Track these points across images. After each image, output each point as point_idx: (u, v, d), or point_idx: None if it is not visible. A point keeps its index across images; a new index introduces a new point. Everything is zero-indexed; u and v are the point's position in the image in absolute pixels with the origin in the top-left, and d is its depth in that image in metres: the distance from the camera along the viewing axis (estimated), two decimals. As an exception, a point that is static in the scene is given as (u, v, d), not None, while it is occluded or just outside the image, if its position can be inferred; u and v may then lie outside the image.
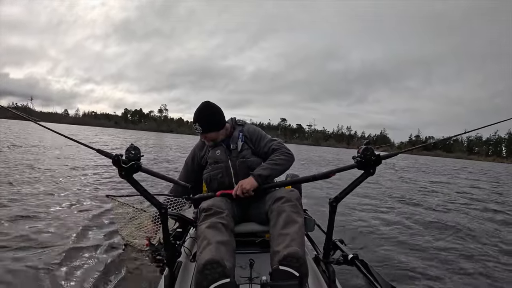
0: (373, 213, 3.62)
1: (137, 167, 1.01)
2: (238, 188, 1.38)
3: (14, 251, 2.42)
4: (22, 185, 4.40)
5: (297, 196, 1.32)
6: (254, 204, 1.44)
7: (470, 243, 2.65)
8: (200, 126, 1.49)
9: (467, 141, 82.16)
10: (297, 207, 1.26)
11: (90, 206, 3.99)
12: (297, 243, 1.09)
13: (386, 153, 1.20)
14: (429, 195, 5.31)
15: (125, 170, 0.99)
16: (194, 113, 1.52)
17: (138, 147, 1.03)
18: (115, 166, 1.00)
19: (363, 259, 1.28)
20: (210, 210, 1.24)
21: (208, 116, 1.50)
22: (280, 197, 1.29)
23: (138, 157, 1.02)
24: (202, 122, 1.49)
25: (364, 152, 1.13)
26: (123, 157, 1.00)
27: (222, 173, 1.51)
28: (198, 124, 1.49)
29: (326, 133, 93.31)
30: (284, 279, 0.98)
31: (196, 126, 1.50)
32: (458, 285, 1.92)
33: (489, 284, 1.95)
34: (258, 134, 1.59)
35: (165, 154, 12.51)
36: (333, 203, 1.24)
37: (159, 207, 1.13)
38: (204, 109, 1.52)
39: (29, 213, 3.58)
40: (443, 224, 3.18)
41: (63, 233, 2.90)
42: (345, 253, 1.33)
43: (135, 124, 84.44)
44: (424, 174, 11.12)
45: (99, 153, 1.03)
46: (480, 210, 4.44)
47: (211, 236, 1.12)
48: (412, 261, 2.27)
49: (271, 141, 1.58)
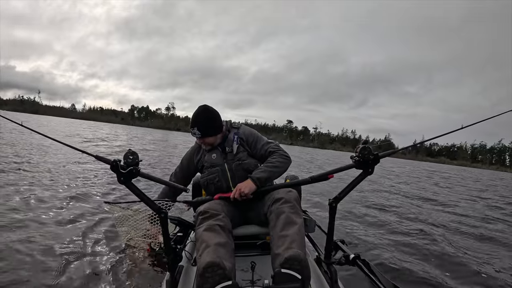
0: (374, 213, 3.62)
1: (136, 172, 1.01)
2: (236, 191, 1.38)
3: (11, 254, 2.41)
4: (17, 186, 4.38)
5: (296, 197, 1.31)
6: (253, 206, 1.43)
7: (473, 243, 2.65)
8: (198, 131, 1.47)
9: (471, 149, 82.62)
10: (295, 207, 1.26)
11: (88, 211, 3.97)
12: (297, 244, 1.09)
13: (383, 152, 1.20)
14: (428, 199, 5.32)
15: (124, 175, 0.99)
16: (192, 117, 1.51)
17: (136, 152, 1.02)
18: (113, 172, 0.99)
19: (365, 259, 1.28)
20: (206, 213, 1.24)
21: (206, 120, 1.49)
22: (279, 198, 1.29)
23: (137, 162, 1.02)
24: (201, 126, 1.47)
25: (362, 151, 1.13)
26: (121, 163, 1.00)
27: (218, 176, 1.50)
28: (196, 129, 1.47)
29: (331, 136, 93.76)
30: (287, 282, 0.98)
31: (194, 131, 1.48)
32: (461, 284, 1.92)
33: (496, 284, 1.93)
34: (254, 136, 1.58)
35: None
36: (333, 203, 1.24)
37: (158, 212, 1.13)
38: (202, 113, 1.50)
39: (25, 218, 3.56)
40: (446, 225, 3.19)
41: (62, 239, 2.89)
42: (347, 253, 1.32)
43: (142, 121, 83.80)
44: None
45: (97, 159, 1.03)
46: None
47: (209, 238, 1.12)
48: (414, 261, 2.27)
49: (267, 143, 1.57)
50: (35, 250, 2.60)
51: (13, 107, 73.67)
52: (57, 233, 3.07)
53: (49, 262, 2.36)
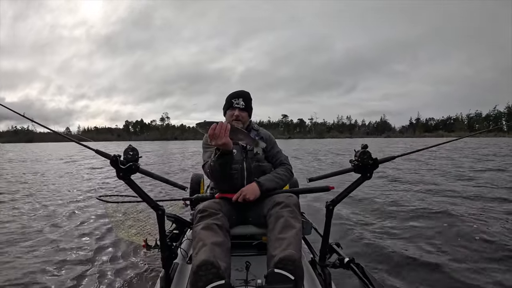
0: (370, 216, 3.62)
1: (135, 168, 1.02)
2: (241, 195, 1.38)
3: (12, 254, 2.42)
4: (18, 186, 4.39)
5: (296, 202, 1.32)
6: (253, 207, 1.43)
7: (475, 245, 2.64)
8: (243, 102, 1.55)
9: (467, 119, 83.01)
10: (295, 212, 1.27)
11: (83, 208, 3.98)
12: (293, 247, 1.09)
13: (383, 157, 1.21)
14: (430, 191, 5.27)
15: (123, 171, 0.99)
16: (234, 92, 1.60)
17: (136, 148, 1.03)
18: (113, 167, 1.00)
19: (359, 263, 1.28)
20: (205, 212, 1.24)
21: (249, 97, 1.61)
22: (279, 202, 1.30)
23: (136, 158, 1.02)
24: (245, 99, 1.57)
25: (361, 156, 1.14)
26: (121, 158, 1.00)
27: (237, 174, 1.49)
28: (242, 99, 1.55)
29: (327, 125, 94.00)
30: (279, 282, 0.98)
31: (238, 101, 1.55)
32: None
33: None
34: (272, 141, 1.64)
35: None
36: (330, 206, 1.25)
37: (156, 209, 1.13)
38: (245, 92, 1.62)
39: (23, 213, 3.57)
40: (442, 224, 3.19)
41: (57, 235, 2.90)
42: (342, 256, 1.33)
43: (138, 135, 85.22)
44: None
45: (97, 153, 1.03)
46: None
47: (206, 237, 1.12)
48: (408, 266, 2.27)
49: (280, 153, 1.65)
50: (28, 247, 2.61)
51: (7, 138, 73.51)
52: (51, 230, 3.08)
53: (44, 258, 2.37)
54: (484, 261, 2.33)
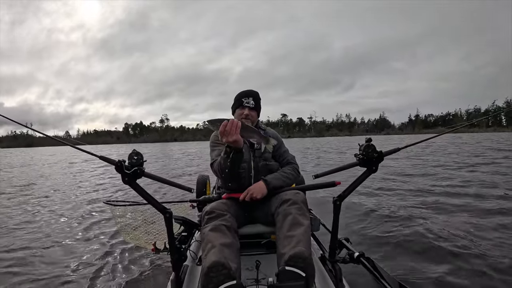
0: (378, 208, 3.60)
1: (140, 173, 1.02)
2: (248, 194, 1.37)
3: (18, 257, 2.45)
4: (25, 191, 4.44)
5: (303, 199, 1.32)
6: (260, 206, 1.43)
7: (482, 240, 2.62)
8: (253, 101, 1.56)
9: (466, 114, 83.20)
10: (303, 209, 1.26)
11: (92, 212, 4.01)
12: (303, 244, 1.09)
13: (388, 150, 1.19)
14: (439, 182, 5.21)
15: (129, 176, 1.00)
16: (243, 91, 1.61)
17: (141, 153, 1.03)
18: (118, 172, 1.00)
19: (369, 257, 1.28)
20: (213, 213, 1.24)
21: (258, 97, 1.62)
22: (287, 199, 1.29)
23: (141, 162, 1.02)
24: (255, 98, 1.58)
25: (366, 149, 1.13)
26: (126, 163, 1.00)
27: (245, 173, 1.48)
28: (252, 99, 1.56)
29: (327, 124, 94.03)
30: (291, 279, 0.98)
31: (248, 100, 1.56)
32: (467, 283, 1.89)
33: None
34: (279, 141, 1.64)
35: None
36: (337, 201, 1.24)
37: (163, 212, 1.13)
38: (254, 91, 1.62)
39: (29, 219, 3.60)
40: (451, 219, 3.16)
41: (67, 240, 2.93)
42: (351, 251, 1.32)
43: (137, 137, 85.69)
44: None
45: (102, 159, 1.03)
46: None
47: (214, 238, 1.12)
48: (418, 258, 2.25)
49: (287, 152, 1.65)
50: (39, 250, 2.64)
51: (6, 143, 73.91)
52: (62, 235, 3.11)
53: (54, 262, 2.39)
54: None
